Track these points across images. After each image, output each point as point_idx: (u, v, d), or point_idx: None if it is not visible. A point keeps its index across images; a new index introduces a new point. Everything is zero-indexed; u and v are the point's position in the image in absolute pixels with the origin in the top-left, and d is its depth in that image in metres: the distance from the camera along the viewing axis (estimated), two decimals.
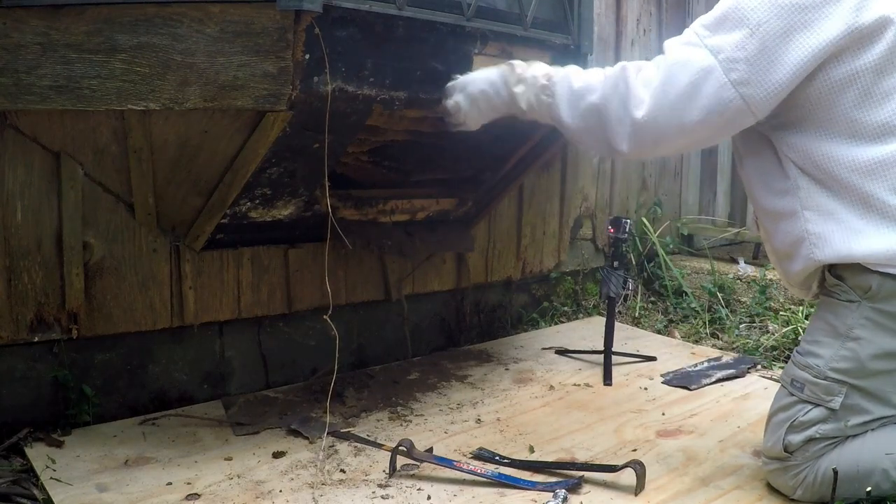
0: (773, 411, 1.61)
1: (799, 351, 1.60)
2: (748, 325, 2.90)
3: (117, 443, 1.81)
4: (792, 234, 1.54)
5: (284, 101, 1.53)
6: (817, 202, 1.50)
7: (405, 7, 1.65)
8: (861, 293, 1.49)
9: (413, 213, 2.25)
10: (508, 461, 1.74)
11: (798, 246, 1.54)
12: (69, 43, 1.50)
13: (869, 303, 1.48)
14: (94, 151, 1.77)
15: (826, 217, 1.49)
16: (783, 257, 1.62)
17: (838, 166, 1.47)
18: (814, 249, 1.51)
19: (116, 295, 1.88)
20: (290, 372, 2.27)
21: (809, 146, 1.49)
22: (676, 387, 2.27)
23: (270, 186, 1.83)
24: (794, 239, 1.54)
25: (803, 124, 1.50)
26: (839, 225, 1.48)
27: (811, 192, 1.51)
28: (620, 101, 1.53)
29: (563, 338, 2.74)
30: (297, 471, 1.70)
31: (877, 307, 1.48)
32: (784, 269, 1.65)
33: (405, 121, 1.93)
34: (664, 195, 3.56)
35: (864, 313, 1.49)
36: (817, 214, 1.50)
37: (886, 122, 1.45)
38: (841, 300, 1.52)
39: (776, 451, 1.57)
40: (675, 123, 1.50)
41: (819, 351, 1.54)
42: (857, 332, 1.49)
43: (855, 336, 1.49)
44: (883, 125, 1.45)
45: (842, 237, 1.48)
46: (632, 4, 3.26)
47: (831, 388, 1.51)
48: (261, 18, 1.48)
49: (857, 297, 1.49)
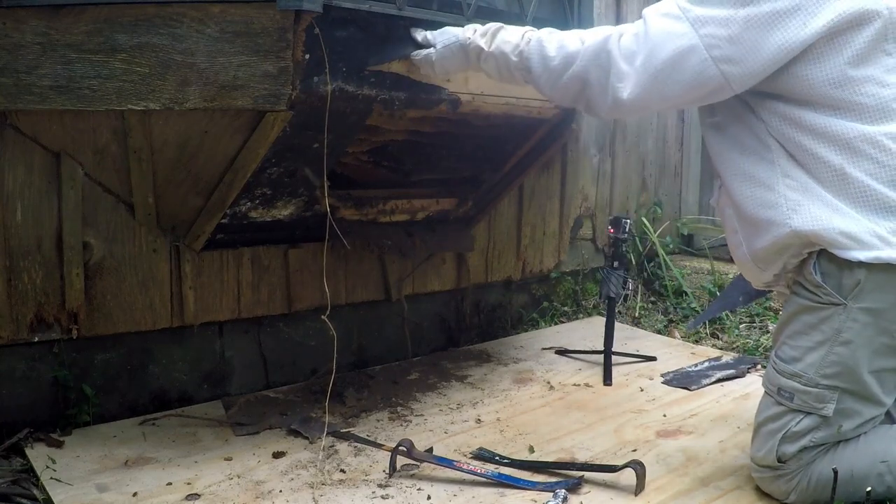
0: (762, 421, 1.57)
1: (781, 357, 1.54)
2: (748, 325, 2.90)
3: (117, 443, 1.81)
4: (767, 199, 1.49)
5: (284, 101, 1.53)
6: (796, 173, 1.47)
7: (405, 7, 1.65)
8: (847, 293, 1.44)
9: (413, 213, 2.25)
10: (508, 461, 1.74)
11: (772, 211, 1.48)
12: (69, 43, 1.50)
13: (855, 303, 1.44)
14: (94, 151, 1.77)
15: (804, 187, 1.46)
16: (751, 229, 1.55)
17: (817, 139, 1.44)
18: (791, 215, 1.46)
19: (116, 295, 1.88)
20: (290, 372, 2.27)
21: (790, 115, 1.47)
22: (676, 387, 2.27)
23: (270, 186, 1.83)
24: (768, 203, 1.49)
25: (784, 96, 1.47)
26: (818, 196, 1.44)
27: (790, 161, 1.48)
28: (603, 73, 1.54)
29: (563, 338, 2.74)
30: (297, 471, 1.70)
31: (864, 307, 1.44)
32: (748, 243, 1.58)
33: (405, 121, 1.93)
34: (664, 195, 3.56)
35: (852, 315, 1.45)
36: (797, 182, 1.47)
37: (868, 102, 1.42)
38: (823, 303, 1.47)
39: (769, 461, 1.55)
40: (656, 97, 1.50)
41: (805, 357, 1.49)
42: (846, 335, 1.45)
43: (844, 340, 1.45)
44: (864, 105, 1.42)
45: (821, 207, 1.44)
46: (632, 5, 3.26)
47: (823, 396, 1.48)
48: (261, 18, 1.48)
49: (840, 298, 1.45)
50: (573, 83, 1.59)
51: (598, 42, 1.55)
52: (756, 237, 1.55)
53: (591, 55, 1.56)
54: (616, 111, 1.57)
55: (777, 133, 1.49)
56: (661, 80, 1.47)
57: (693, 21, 1.44)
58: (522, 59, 1.64)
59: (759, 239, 1.54)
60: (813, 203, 1.45)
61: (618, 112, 1.57)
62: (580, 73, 1.57)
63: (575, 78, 1.58)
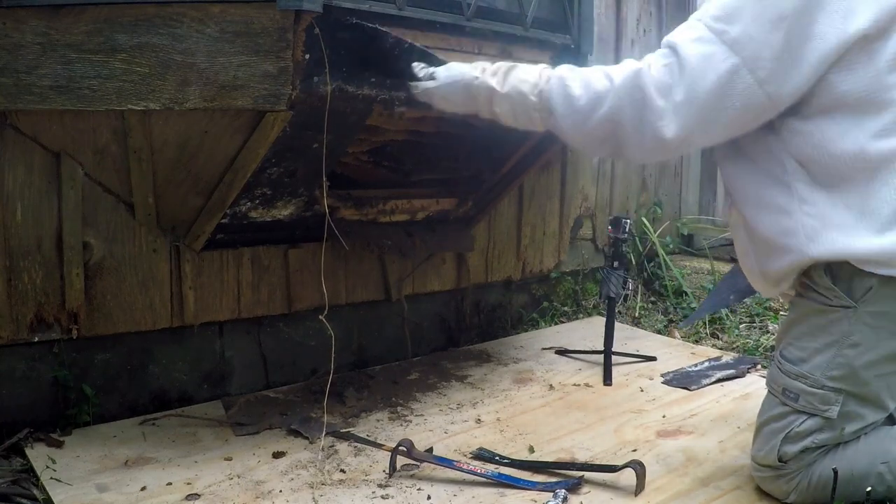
0: (765, 420, 1.56)
1: (787, 358, 1.53)
2: (748, 325, 2.90)
3: (117, 443, 1.81)
4: (782, 224, 1.45)
5: (284, 101, 1.53)
6: (814, 197, 1.42)
7: (405, 7, 1.65)
8: (857, 296, 1.43)
9: (413, 213, 2.25)
10: (508, 461, 1.74)
11: (788, 238, 1.44)
12: (69, 43, 1.50)
13: (865, 307, 1.43)
14: (94, 151, 1.77)
15: (823, 214, 1.41)
16: (765, 251, 1.52)
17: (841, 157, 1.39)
18: (809, 244, 1.42)
19: (116, 295, 1.88)
20: (290, 372, 2.27)
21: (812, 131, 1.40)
22: (676, 387, 2.27)
23: (270, 186, 1.83)
24: (784, 230, 1.45)
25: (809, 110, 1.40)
26: (837, 222, 1.40)
27: (809, 184, 1.42)
28: (637, 112, 1.40)
29: (563, 338, 2.74)
30: (297, 471, 1.70)
31: (874, 310, 1.43)
32: (760, 263, 1.54)
33: (405, 121, 1.93)
34: (664, 195, 3.56)
35: (861, 318, 1.43)
36: (815, 209, 1.41)
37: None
38: (832, 305, 1.45)
39: (770, 461, 1.54)
40: (699, 131, 1.40)
41: (812, 359, 1.48)
42: (855, 338, 1.44)
43: (853, 343, 1.44)
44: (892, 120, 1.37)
45: (840, 233, 1.40)
46: (632, 4, 3.26)
47: (828, 398, 1.47)
48: (261, 18, 1.48)
49: (851, 301, 1.43)
50: (604, 125, 1.44)
51: (628, 77, 1.42)
52: (771, 260, 1.51)
53: (623, 92, 1.41)
54: (657, 152, 1.44)
55: (797, 151, 1.43)
56: (706, 111, 1.37)
57: (731, 44, 1.34)
58: (543, 99, 1.49)
59: (774, 262, 1.50)
60: (832, 230, 1.41)
61: (659, 152, 1.44)
62: (612, 114, 1.42)
63: (606, 119, 1.43)
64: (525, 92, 1.50)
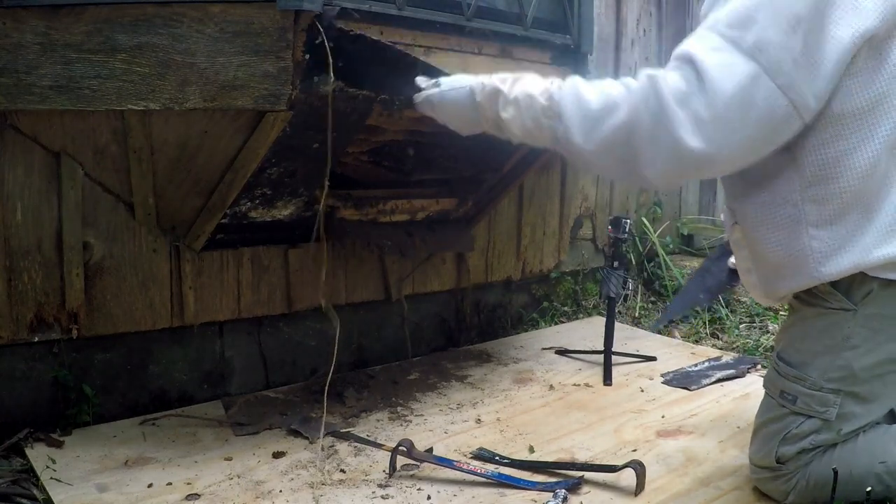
0: (763, 422, 1.56)
1: (786, 361, 1.52)
2: (748, 325, 2.90)
3: (117, 443, 1.81)
4: (792, 249, 1.42)
5: (284, 100, 1.53)
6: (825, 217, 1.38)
7: (405, 7, 1.65)
8: (857, 299, 1.42)
9: (413, 213, 2.25)
10: (508, 461, 1.74)
11: (798, 261, 1.42)
12: (69, 43, 1.50)
13: (865, 309, 1.42)
14: (94, 151, 1.77)
15: (833, 236, 1.38)
16: (770, 271, 1.49)
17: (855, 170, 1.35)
18: (819, 267, 1.40)
19: (116, 295, 1.88)
20: (290, 372, 2.27)
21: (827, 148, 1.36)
22: (676, 387, 2.27)
23: (270, 186, 1.82)
24: (793, 253, 1.42)
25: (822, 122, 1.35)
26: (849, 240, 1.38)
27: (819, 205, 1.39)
28: (653, 118, 1.29)
29: (563, 338, 2.74)
30: (297, 471, 1.70)
31: (874, 313, 1.42)
32: (765, 283, 1.52)
33: (405, 121, 1.93)
34: (664, 195, 3.56)
35: (861, 321, 1.43)
36: (825, 231, 1.39)
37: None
38: (832, 308, 1.45)
39: (767, 462, 1.54)
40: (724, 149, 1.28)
41: (811, 361, 1.48)
42: (855, 340, 1.43)
43: (852, 345, 1.44)
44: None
45: (850, 254, 1.37)
46: (632, 4, 3.26)
47: (826, 399, 1.46)
48: (261, 18, 1.48)
49: (851, 304, 1.43)
50: (617, 132, 1.33)
51: (643, 83, 1.32)
52: (777, 281, 1.49)
53: (639, 97, 1.31)
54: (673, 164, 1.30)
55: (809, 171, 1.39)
56: (729, 122, 1.26)
57: (749, 51, 1.25)
58: (553, 102, 1.39)
59: (781, 283, 1.48)
60: (843, 253, 1.38)
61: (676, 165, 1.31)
62: (627, 120, 1.31)
63: (620, 126, 1.32)
64: (534, 94, 1.42)
